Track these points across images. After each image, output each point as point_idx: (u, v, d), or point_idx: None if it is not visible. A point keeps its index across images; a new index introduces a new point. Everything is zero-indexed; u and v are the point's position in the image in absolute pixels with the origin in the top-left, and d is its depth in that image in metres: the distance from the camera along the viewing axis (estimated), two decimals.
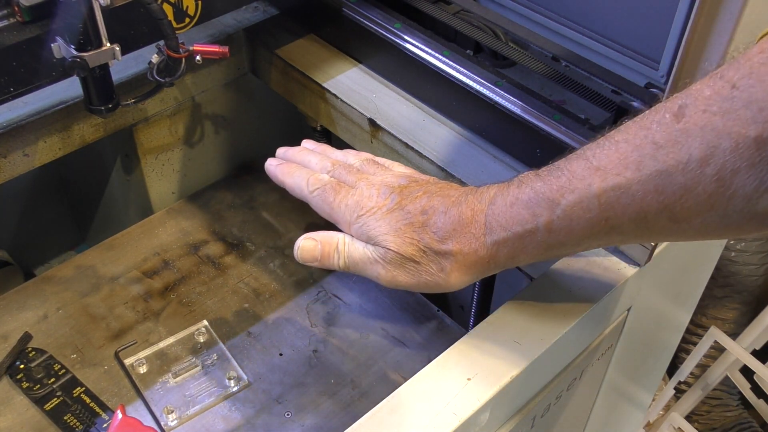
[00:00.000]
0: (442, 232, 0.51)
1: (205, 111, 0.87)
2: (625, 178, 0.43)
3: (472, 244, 0.50)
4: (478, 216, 0.50)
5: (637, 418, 1.14)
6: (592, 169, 0.45)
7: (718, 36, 0.48)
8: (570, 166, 0.46)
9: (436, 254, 0.52)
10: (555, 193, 0.46)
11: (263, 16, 0.85)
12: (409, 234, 0.52)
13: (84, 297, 0.74)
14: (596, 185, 0.44)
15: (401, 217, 0.53)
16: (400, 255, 0.52)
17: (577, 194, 0.45)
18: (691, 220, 0.42)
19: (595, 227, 0.45)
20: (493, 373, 0.52)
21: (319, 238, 0.56)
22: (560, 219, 0.46)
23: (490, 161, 0.69)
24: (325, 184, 0.57)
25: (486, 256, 0.51)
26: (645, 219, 0.43)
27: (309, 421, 0.65)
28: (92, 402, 0.65)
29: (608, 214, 0.44)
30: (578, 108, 0.69)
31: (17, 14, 0.60)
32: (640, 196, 0.43)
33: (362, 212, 0.54)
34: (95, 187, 0.93)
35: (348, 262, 0.55)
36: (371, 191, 0.55)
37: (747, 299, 1.50)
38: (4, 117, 0.70)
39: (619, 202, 0.44)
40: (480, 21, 0.77)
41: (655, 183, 0.42)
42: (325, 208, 0.57)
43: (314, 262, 0.56)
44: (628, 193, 0.43)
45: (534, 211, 0.47)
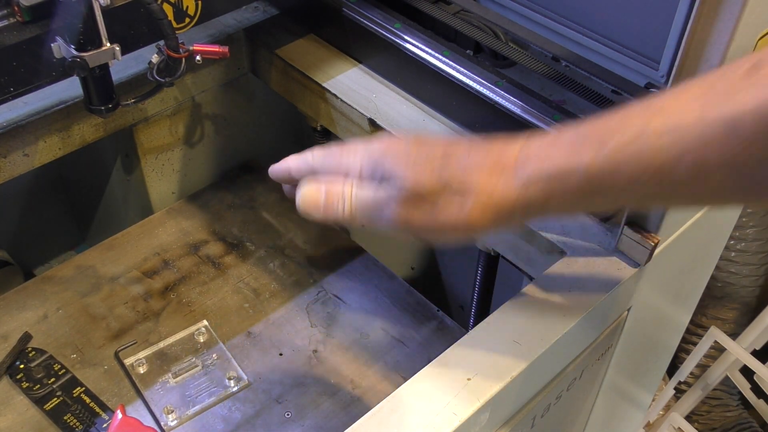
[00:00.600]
0: (464, 163, 0.45)
1: (205, 111, 0.87)
2: (691, 118, 0.39)
3: (499, 181, 0.45)
4: (509, 151, 0.45)
5: (637, 418, 1.14)
6: (652, 109, 0.40)
7: (718, 36, 0.48)
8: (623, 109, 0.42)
9: (456, 192, 0.45)
10: (603, 132, 0.42)
11: (263, 16, 0.85)
12: (429, 167, 0.46)
13: (84, 297, 0.74)
14: (655, 124, 0.40)
15: (421, 151, 0.47)
16: (416, 191, 0.46)
17: (630, 132, 0.41)
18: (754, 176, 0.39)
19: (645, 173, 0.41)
20: (493, 373, 0.52)
21: (323, 184, 0.49)
22: (605, 160, 0.41)
23: None
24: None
25: (514, 197, 0.45)
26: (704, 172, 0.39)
27: (309, 421, 0.65)
28: (92, 402, 0.65)
29: (664, 158, 0.40)
30: (578, 108, 0.69)
31: (17, 14, 0.60)
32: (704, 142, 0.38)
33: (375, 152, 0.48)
34: (95, 187, 0.93)
35: (355, 207, 0.48)
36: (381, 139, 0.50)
37: (747, 299, 1.50)
38: (4, 117, 0.70)
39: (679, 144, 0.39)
40: (480, 21, 0.77)
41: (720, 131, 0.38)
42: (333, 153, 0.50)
43: (317, 212, 0.49)
44: (691, 136, 0.39)
45: (577, 149, 0.42)
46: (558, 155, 0.43)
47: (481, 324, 0.55)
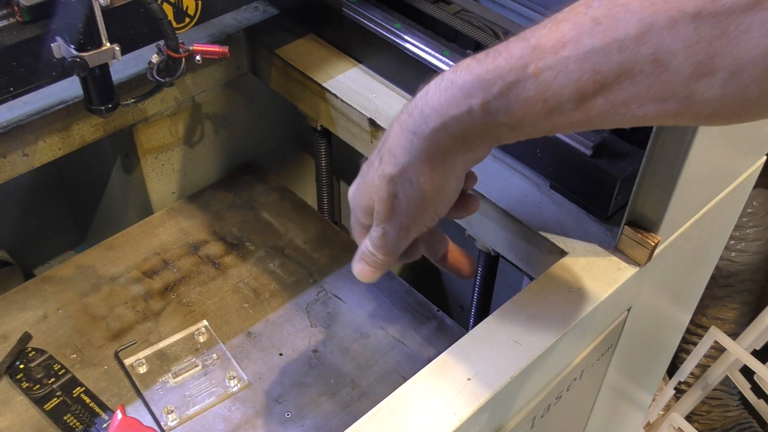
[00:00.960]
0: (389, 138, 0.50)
1: (205, 111, 0.87)
2: (562, 57, 0.41)
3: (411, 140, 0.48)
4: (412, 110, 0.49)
5: (637, 418, 1.14)
6: (530, 48, 0.43)
7: None
8: (509, 47, 0.44)
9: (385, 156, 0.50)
10: (491, 74, 0.44)
11: (263, 16, 0.85)
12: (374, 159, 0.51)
13: (84, 297, 0.74)
14: (533, 65, 0.43)
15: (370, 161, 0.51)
16: (381, 181, 0.50)
17: (514, 75, 0.43)
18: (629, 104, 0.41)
19: (533, 107, 0.44)
20: (493, 373, 0.52)
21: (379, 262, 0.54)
22: (497, 99, 0.44)
23: (490, 161, 0.69)
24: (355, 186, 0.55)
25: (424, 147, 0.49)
26: (583, 100, 0.42)
27: (309, 421, 0.65)
28: (92, 402, 0.65)
29: (546, 94, 0.43)
30: None
31: (17, 14, 0.60)
32: (577, 76, 0.41)
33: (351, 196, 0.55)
34: (95, 187, 0.93)
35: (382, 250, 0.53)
36: None
37: (747, 299, 1.50)
38: (4, 117, 0.70)
39: (556, 81, 0.42)
40: (480, 21, 0.77)
41: (592, 61, 0.40)
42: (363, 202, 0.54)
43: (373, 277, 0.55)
44: (565, 71, 0.41)
45: (469, 92, 0.45)
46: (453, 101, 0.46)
47: (481, 324, 0.55)
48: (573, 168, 0.63)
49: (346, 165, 1.00)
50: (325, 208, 0.99)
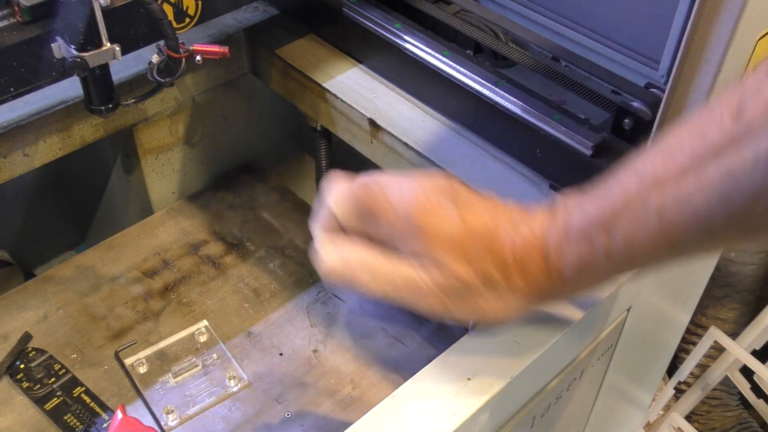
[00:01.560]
0: (508, 258, 0.45)
1: (205, 111, 0.87)
2: (685, 189, 0.38)
3: (536, 275, 0.45)
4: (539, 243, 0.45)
5: (637, 418, 1.14)
6: (647, 182, 0.40)
7: (718, 36, 0.48)
8: (620, 183, 0.42)
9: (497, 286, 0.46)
10: (610, 217, 0.42)
11: (263, 16, 0.85)
12: (477, 258, 0.45)
13: (84, 297, 0.74)
14: (654, 200, 0.40)
15: (467, 234, 0.45)
16: (461, 280, 0.45)
17: (634, 213, 0.41)
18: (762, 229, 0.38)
19: (657, 247, 0.41)
20: (493, 373, 0.52)
21: (349, 259, 0.48)
22: (619, 244, 0.42)
23: (490, 161, 0.69)
24: (350, 188, 0.48)
25: (549, 289, 0.46)
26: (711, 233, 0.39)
27: (309, 421, 0.65)
28: (92, 402, 0.65)
29: (671, 231, 0.40)
30: (578, 108, 0.69)
31: (17, 14, 0.60)
32: (705, 208, 0.38)
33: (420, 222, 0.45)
34: (95, 187, 0.93)
35: (388, 288, 0.47)
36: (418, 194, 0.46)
37: (747, 299, 1.50)
38: (4, 117, 0.70)
39: (681, 217, 0.39)
40: (480, 21, 0.77)
41: (720, 191, 0.37)
42: (363, 214, 0.47)
43: (342, 284, 0.48)
44: (692, 205, 0.38)
45: (591, 240, 0.43)
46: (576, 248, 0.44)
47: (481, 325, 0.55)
48: (573, 168, 0.63)
49: (346, 165, 1.00)
50: None
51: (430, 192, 0.46)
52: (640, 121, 0.61)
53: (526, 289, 0.46)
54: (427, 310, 0.47)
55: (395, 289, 0.46)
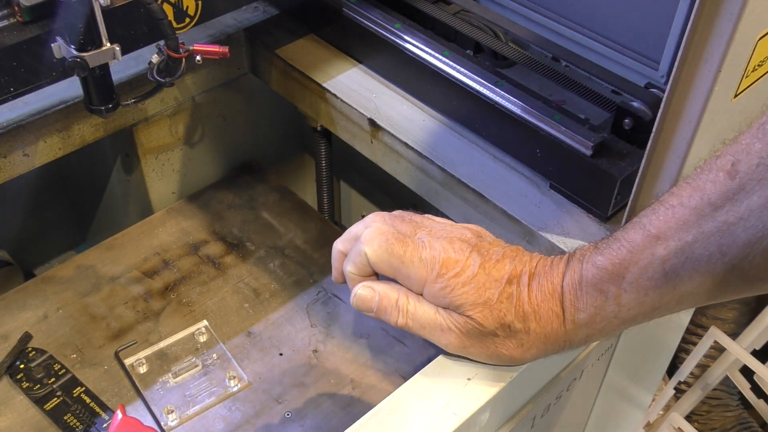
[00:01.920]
0: (525, 307, 0.49)
1: (205, 111, 0.87)
2: (686, 243, 0.42)
3: (553, 323, 0.49)
4: (557, 291, 0.48)
5: (637, 418, 1.14)
6: (652, 237, 0.44)
7: (718, 36, 0.48)
8: (628, 236, 0.45)
9: (517, 331, 0.49)
10: (618, 267, 0.45)
11: (263, 16, 0.85)
12: (498, 307, 0.48)
13: (84, 297, 0.74)
14: (659, 253, 0.43)
15: (489, 284, 0.49)
16: (482, 328, 0.49)
17: (640, 265, 0.44)
18: (763, 276, 0.41)
19: (664, 296, 0.45)
20: (493, 373, 0.52)
21: (378, 290, 0.51)
22: (628, 292, 0.45)
23: (490, 161, 0.69)
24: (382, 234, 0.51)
25: (564, 336, 0.49)
26: (714, 282, 0.43)
27: (309, 421, 0.65)
28: (92, 402, 0.65)
29: (675, 281, 0.44)
30: (578, 108, 0.69)
31: (17, 14, 0.60)
32: (705, 259, 0.42)
33: (444, 271, 0.49)
34: (95, 187, 0.93)
35: (412, 324, 0.51)
36: (444, 245, 0.50)
37: (747, 299, 1.50)
38: (4, 117, 0.70)
39: (684, 267, 0.43)
40: (480, 21, 0.77)
41: (717, 243, 0.41)
42: (394, 263, 0.50)
43: (369, 312, 0.52)
44: (692, 257, 0.42)
45: (602, 289, 0.46)
46: (590, 298, 0.47)
47: None
48: (573, 168, 0.63)
49: (346, 165, 1.00)
50: (325, 208, 0.99)
51: (457, 244, 0.50)
52: (640, 121, 0.61)
53: (542, 334, 0.49)
54: (446, 347, 0.51)
55: (419, 325, 0.51)
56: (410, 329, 0.51)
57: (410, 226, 0.52)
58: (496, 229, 0.65)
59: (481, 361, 0.52)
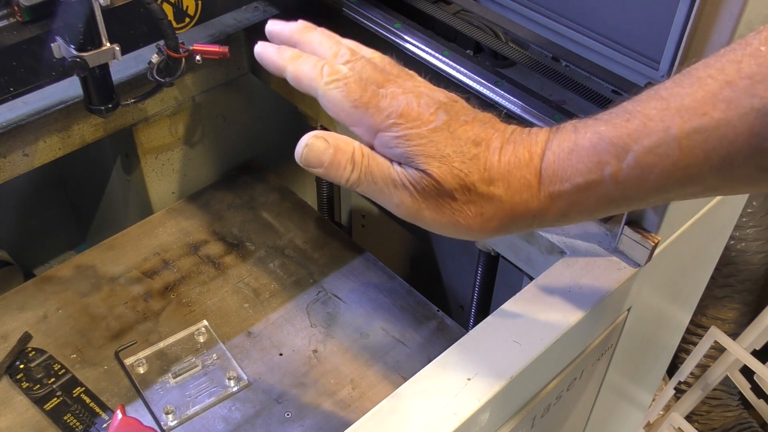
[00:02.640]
0: (493, 170, 0.43)
1: (205, 111, 0.87)
2: (713, 118, 0.37)
3: (523, 193, 0.43)
4: (535, 160, 0.43)
5: (637, 418, 1.14)
6: (672, 109, 0.38)
7: (718, 36, 0.48)
8: (641, 107, 0.40)
9: (479, 196, 0.43)
10: (625, 138, 0.40)
11: (263, 16, 0.85)
12: (458, 164, 0.43)
13: (84, 297, 0.74)
14: (677, 127, 0.38)
15: (451, 141, 0.43)
16: (438, 185, 0.43)
17: (653, 138, 0.39)
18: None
19: (671, 177, 0.39)
20: (493, 373, 0.52)
21: (331, 140, 0.45)
22: (631, 168, 0.40)
23: None
24: (347, 77, 0.46)
25: (535, 209, 0.44)
26: (731, 166, 0.37)
27: (309, 421, 0.65)
28: (92, 402, 0.65)
29: (689, 161, 0.38)
30: (578, 108, 0.69)
31: (17, 14, 0.60)
32: (730, 139, 0.37)
33: (401, 121, 0.44)
34: (95, 187, 0.93)
35: (363, 178, 0.45)
36: (409, 99, 0.45)
37: (747, 299, 1.50)
38: (4, 117, 0.70)
39: (704, 146, 0.37)
40: (480, 21, 0.77)
41: (750, 123, 0.36)
42: (345, 106, 0.45)
43: (319, 167, 0.45)
44: (717, 135, 0.37)
45: (599, 158, 0.41)
46: (582, 167, 0.42)
47: (481, 324, 0.55)
48: None
49: None
50: (325, 208, 0.99)
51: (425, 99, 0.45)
52: None
53: (509, 203, 0.44)
54: (399, 209, 0.45)
55: (370, 179, 0.45)
56: (360, 186, 0.45)
57: (382, 76, 0.47)
58: None
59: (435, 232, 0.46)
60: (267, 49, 0.49)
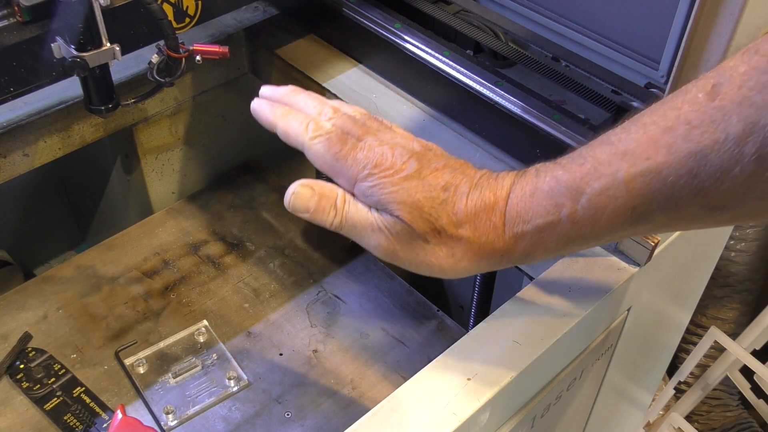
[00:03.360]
0: (460, 214, 0.47)
1: (205, 111, 0.87)
2: (655, 162, 0.40)
3: (489, 234, 0.46)
4: (500, 203, 0.46)
5: (637, 418, 1.14)
6: (619, 154, 0.42)
7: (718, 36, 0.48)
8: (593, 152, 0.43)
9: (449, 238, 0.47)
10: (579, 181, 0.43)
11: (263, 16, 0.85)
12: (427, 209, 0.47)
13: (84, 297, 0.74)
14: (624, 171, 0.41)
15: (421, 187, 0.47)
16: (410, 229, 0.47)
17: (603, 181, 0.42)
18: (726, 205, 0.39)
19: (622, 216, 0.42)
20: (493, 373, 0.52)
21: (317, 189, 0.50)
22: (585, 209, 0.43)
23: (490, 161, 0.69)
24: (329, 132, 0.50)
25: (502, 249, 0.47)
26: (676, 206, 0.40)
27: (309, 421, 0.65)
28: (92, 402, 0.65)
29: (637, 201, 0.41)
30: (578, 108, 0.69)
31: (17, 14, 0.60)
32: (672, 181, 0.40)
33: (375, 171, 0.48)
34: (95, 187, 0.93)
35: (344, 222, 0.49)
36: (384, 150, 0.49)
37: (747, 299, 1.50)
38: (4, 117, 0.70)
39: (649, 187, 0.40)
40: (480, 21, 0.77)
41: (689, 166, 0.39)
42: (327, 158, 0.50)
43: (305, 213, 0.50)
44: (659, 177, 0.40)
45: (556, 201, 0.44)
46: (541, 209, 0.45)
47: (481, 324, 0.55)
48: None
49: None
50: None
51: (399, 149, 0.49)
52: None
53: (477, 244, 0.47)
54: (377, 250, 0.49)
55: (351, 224, 0.49)
56: (342, 229, 0.50)
57: (362, 130, 0.51)
58: None
59: (412, 270, 0.50)
60: (262, 106, 0.55)
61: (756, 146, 0.36)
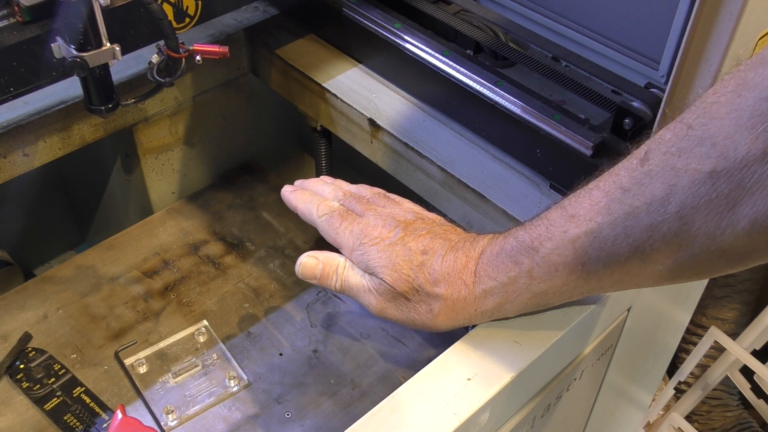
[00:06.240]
0: (436, 274, 0.52)
1: (205, 111, 0.87)
2: (596, 223, 0.45)
3: (461, 291, 0.52)
4: (471, 264, 0.52)
5: (637, 418, 1.14)
6: (567, 216, 0.47)
7: (718, 36, 0.48)
8: (549, 215, 0.49)
9: (427, 295, 0.53)
10: (534, 241, 0.48)
11: (263, 16, 0.85)
12: (406, 271, 0.53)
13: (84, 297, 0.74)
14: (571, 231, 0.46)
15: (402, 252, 0.54)
16: (393, 289, 0.54)
17: (554, 241, 0.47)
18: (662, 261, 0.43)
19: (573, 273, 0.47)
20: (493, 373, 0.52)
21: (321, 258, 0.59)
22: (540, 266, 0.48)
23: (490, 161, 0.69)
24: (333, 210, 0.59)
25: (473, 304, 0.52)
26: (618, 263, 0.45)
27: (309, 421, 0.65)
28: (92, 402, 0.65)
29: (583, 259, 0.46)
30: (578, 108, 0.69)
31: (17, 14, 0.60)
32: (611, 240, 0.44)
33: (365, 240, 0.56)
34: (95, 187, 0.93)
35: (343, 286, 0.58)
36: (377, 221, 0.57)
37: (747, 299, 1.50)
38: (4, 117, 0.70)
39: (592, 246, 0.45)
40: (480, 21, 0.77)
41: (623, 225, 0.43)
42: (330, 233, 0.59)
43: (313, 279, 0.59)
44: (600, 237, 0.45)
45: (516, 259, 0.49)
46: (504, 267, 0.50)
47: (481, 324, 0.55)
48: (573, 168, 0.63)
49: (346, 165, 1.00)
50: None
51: (389, 221, 0.57)
52: (640, 121, 0.61)
53: (451, 300, 0.52)
54: (369, 308, 0.57)
55: (348, 286, 0.58)
56: (343, 291, 0.58)
57: (365, 207, 0.59)
58: (495, 229, 0.65)
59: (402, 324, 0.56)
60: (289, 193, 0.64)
61: (677, 206, 0.41)
